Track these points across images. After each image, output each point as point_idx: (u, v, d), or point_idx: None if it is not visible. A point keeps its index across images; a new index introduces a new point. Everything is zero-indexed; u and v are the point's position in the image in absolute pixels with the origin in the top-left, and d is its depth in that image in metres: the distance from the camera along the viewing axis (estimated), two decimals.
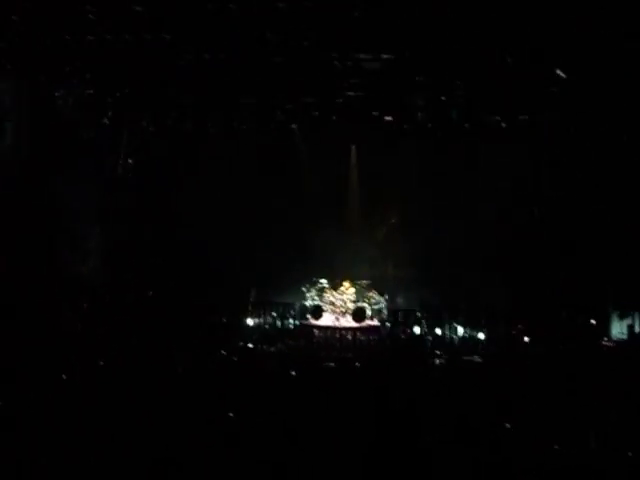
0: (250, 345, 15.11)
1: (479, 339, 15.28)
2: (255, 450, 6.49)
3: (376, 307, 16.06)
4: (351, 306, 15.82)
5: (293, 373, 9.58)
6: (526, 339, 14.98)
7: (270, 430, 6.99)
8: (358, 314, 15.63)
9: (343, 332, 15.44)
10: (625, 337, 14.62)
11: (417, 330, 15.59)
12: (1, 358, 9.13)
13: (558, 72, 12.64)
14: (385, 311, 16.07)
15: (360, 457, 6.44)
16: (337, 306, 15.89)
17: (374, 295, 16.17)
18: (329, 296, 16.05)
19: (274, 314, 16.16)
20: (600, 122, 14.03)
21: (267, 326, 16.04)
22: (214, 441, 6.62)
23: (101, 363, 9.36)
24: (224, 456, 6.32)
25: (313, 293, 16.11)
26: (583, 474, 6.05)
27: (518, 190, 15.96)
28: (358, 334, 15.45)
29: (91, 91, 14.52)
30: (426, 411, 7.77)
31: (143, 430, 6.63)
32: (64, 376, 8.32)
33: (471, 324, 15.52)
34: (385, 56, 13.01)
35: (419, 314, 15.93)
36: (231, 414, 7.21)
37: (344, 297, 15.92)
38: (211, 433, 6.81)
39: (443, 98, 14.25)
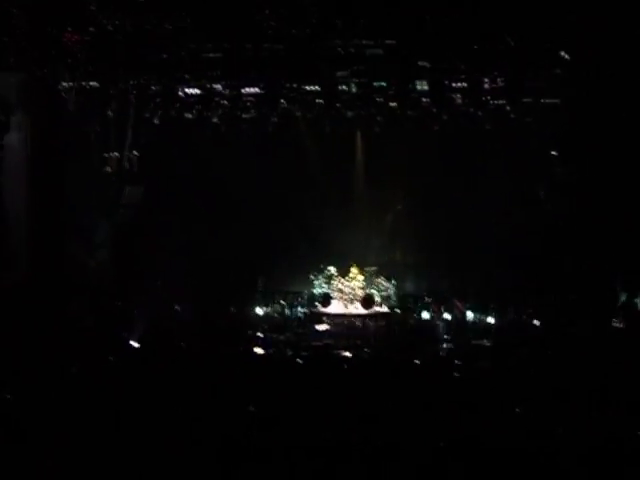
0: (259, 334, 15.17)
1: (488, 323, 15.26)
2: (266, 439, 6.50)
3: (385, 293, 16.03)
4: (360, 293, 15.79)
5: (300, 361, 9.58)
6: (536, 322, 14.98)
7: (280, 418, 7.00)
8: (367, 301, 15.62)
9: (352, 319, 15.43)
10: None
11: (426, 315, 15.60)
12: (9, 352, 9.16)
13: (562, 54, 12.58)
14: (394, 297, 16.03)
15: (370, 444, 6.44)
16: (345, 293, 15.86)
17: (382, 281, 16.13)
18: (337, 283, 16.01)
19: (283, 302, 16.14)
20: (605, 104, 13.93)
21: (276, 315, 16.02)
22: (224, 431, 6.63)
23: (110, 358, 9.38)
24: (236, 445, 6.33)
25: (321, 281, 16.09)
26: (591, 458, 6.04)
27: (525, 173, 15.86)
28: (367, 321, 15.44)
29: (94, 83, 14.51)
30: (436, 396, 7.77)
31: (151, 422, 6.65)
32: (73, 370, 8.35)
33: (480, 308, 15.49)
34: (388, 42, 12.97)
35: (428, 299, 15.92)
36: (251, 408, 7.21)
37: (352, 284, 15.88)
38: (222, 423, 6.82)
39: (447, 82, 14.20)
